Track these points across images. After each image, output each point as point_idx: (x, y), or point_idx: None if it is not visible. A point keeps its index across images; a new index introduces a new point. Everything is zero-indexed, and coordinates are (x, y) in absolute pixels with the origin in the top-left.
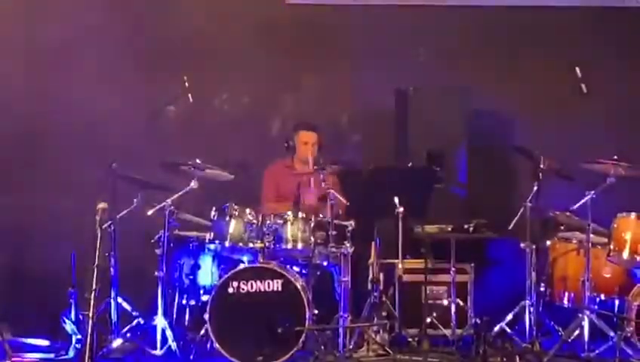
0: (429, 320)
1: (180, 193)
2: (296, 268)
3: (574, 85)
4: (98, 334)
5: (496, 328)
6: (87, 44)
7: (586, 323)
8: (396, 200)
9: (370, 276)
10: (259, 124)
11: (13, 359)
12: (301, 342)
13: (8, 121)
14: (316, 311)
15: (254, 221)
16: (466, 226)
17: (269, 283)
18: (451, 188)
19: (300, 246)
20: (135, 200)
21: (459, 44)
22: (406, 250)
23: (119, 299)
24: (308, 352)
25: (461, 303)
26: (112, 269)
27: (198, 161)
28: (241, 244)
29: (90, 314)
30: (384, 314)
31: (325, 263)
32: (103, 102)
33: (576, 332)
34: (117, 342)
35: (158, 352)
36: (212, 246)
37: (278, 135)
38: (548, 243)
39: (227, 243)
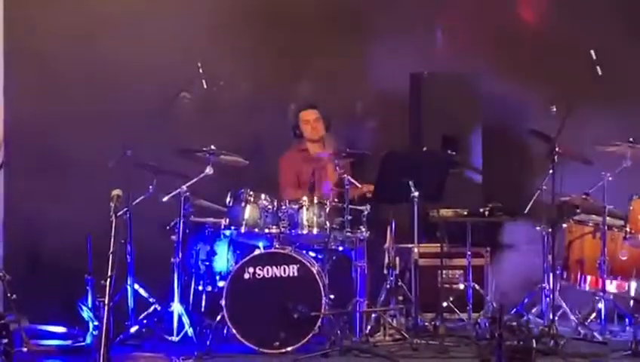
0: (445, 304)
1: (195, 179)
2: (312, 254)
3: (589, 68)
4: (115, 321)
5: (513, 312)
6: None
7: (602, 307)
8: (411, 184)
9: (386, 261)
10: (273, 109)
11: (30, 346)
12: (317, 327)
13: (23, 110)
14: (332, 296)
15: (270, 206)
16: (481, 210)
17: (284, 268)
18: (467, 172)
19: (315, 231)
20: (150, 186)
21: (473, 27)
22: (422, 234)
23: (136, 286)
24: (324, 337)
25: (477, 287)
26: (128, 256)
27: (212, 146)
28: (256, 230)
29: (106, 301)
30: (400, 298)
31: (341, 248)
32: (116, 88)
33: (593, 315)
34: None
35: (174, 338)
36: (228, 232)
37: (292, 120)
38: (564, 226)
39: (243, 229)
